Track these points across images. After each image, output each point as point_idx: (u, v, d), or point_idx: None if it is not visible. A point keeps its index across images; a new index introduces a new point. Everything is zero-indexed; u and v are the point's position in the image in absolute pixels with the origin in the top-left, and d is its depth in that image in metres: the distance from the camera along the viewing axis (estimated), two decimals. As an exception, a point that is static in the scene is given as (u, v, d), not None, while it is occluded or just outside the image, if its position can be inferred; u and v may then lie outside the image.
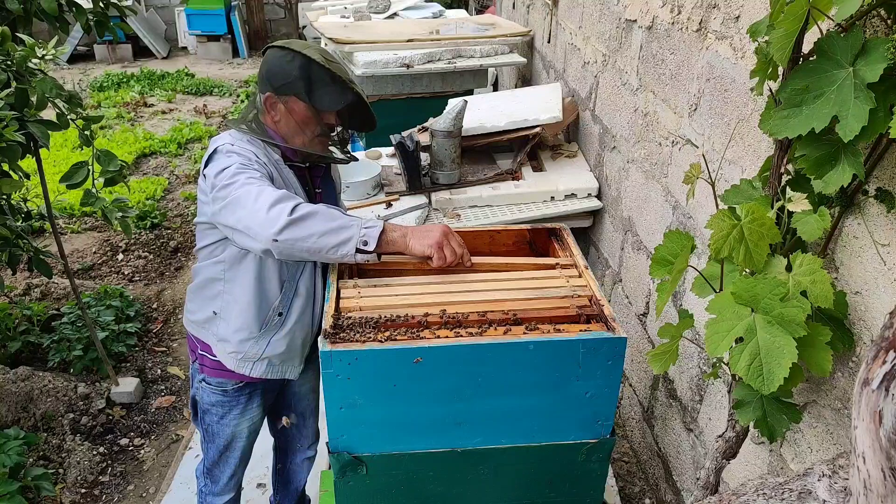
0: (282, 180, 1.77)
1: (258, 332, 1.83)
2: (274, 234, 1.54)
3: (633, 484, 2.76)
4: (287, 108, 1.74)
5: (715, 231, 1.34)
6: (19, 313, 3.52)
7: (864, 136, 1.14)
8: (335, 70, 1.72)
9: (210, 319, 1.86)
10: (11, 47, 2.34)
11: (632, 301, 2.83)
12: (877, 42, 1.14)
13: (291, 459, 2.31)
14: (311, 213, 1.57)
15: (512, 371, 1.59)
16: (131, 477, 2.89)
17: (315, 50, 1.73)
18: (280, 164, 1.79)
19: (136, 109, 7.20)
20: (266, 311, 1.82)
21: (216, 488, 2.11)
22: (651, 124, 2.54)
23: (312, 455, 2.32)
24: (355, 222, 1.61)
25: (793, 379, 1.31)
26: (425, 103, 3.96)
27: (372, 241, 1.59)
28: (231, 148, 1.71)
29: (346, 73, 1.76)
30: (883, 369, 0.82)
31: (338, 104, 1.75)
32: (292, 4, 9.78)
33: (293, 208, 1.55)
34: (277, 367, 1.91)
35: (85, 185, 2.64)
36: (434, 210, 3.05)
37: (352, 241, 1.58)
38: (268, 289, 1.79)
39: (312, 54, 1.70)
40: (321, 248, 1.58)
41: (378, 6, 4.97)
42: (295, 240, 1.55)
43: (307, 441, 2.28)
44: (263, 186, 1.60)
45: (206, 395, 1.95)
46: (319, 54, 1.72)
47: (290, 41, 1.75)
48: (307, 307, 1.86)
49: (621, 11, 2.79)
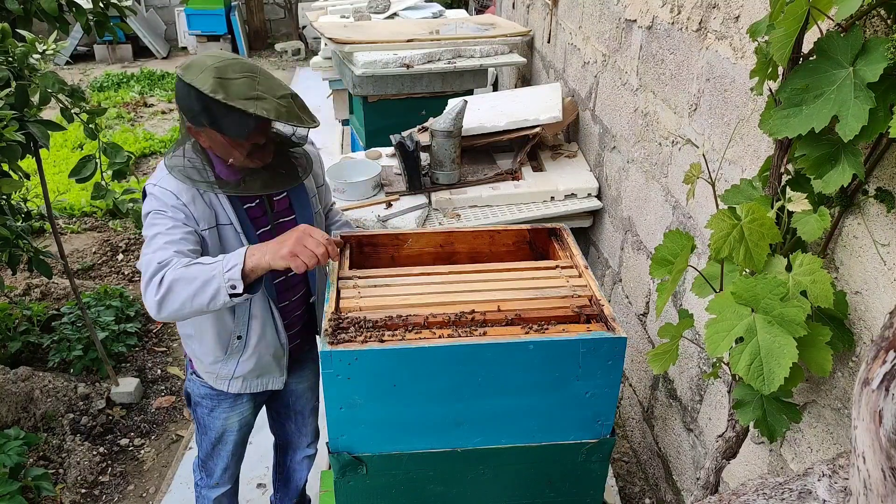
0: (212, 212, 1.72)
1: (223, 356, 1.88)
2: (156, 315, 1.58)
3: (633, 484, 2.76)
4: (208, 136, 1.66)
5: (715, 231, 1.34)
6: (19, 313, 3.52)
7: (864, 135, 1.14)
8: (229, 97, 1.53)
9: (188, 337, 1.92)
10: (12, 44, 2.34)
11: (632, 301, 2.83)
12: (877, 42, 1.14)
13: (291, 457, 2.32)
14: (172, 284, 1.55)
15: (512, 371, 1.59)
16: (131, 477, 2.89)
17: (209, 75, 1.54)
18: (216, 187, 1.70)
19: (136, 109, 7.20)
20: (226, 336, 1.85)
21: (211, 481, 2.15)
22: (651, 124, 2.54)
23: (312, 454, 2.33)
24: (216, 271, 1.54)
25: (793, 379, 1.31)
26: (425, 103, 3.96)
27: (238, 284, 1.54)
28: (153, 189, 1.68)
29: (244, 90, 1.55)
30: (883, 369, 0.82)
31: (242, 133, 1.60)
32: (292, 4, 9.79)
33: (158, 285, 1.55)
34: (255, 382, 1.96)
35: (94, 179, 2.66)
36: (434, 210, 3.05)
37: (221, 292, 1.54)
38: (222, 316, 1.82)
39: (203, 84, 1.53)
40: (200, 307, 1.57)
41: (378, 6, 4.97)
42: (175, 311, 1.57)
43: (307, 439, 2.29)
44: (152, 255, 1.59)
45: (195, 387, 2.01)
46: (212, 80, 1.54)
47: (191, 63, 1.60)
48: (266, 326, 1.88)
49: (621, 11, 2.79)
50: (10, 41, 2.34)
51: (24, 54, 2.35)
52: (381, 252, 2.08)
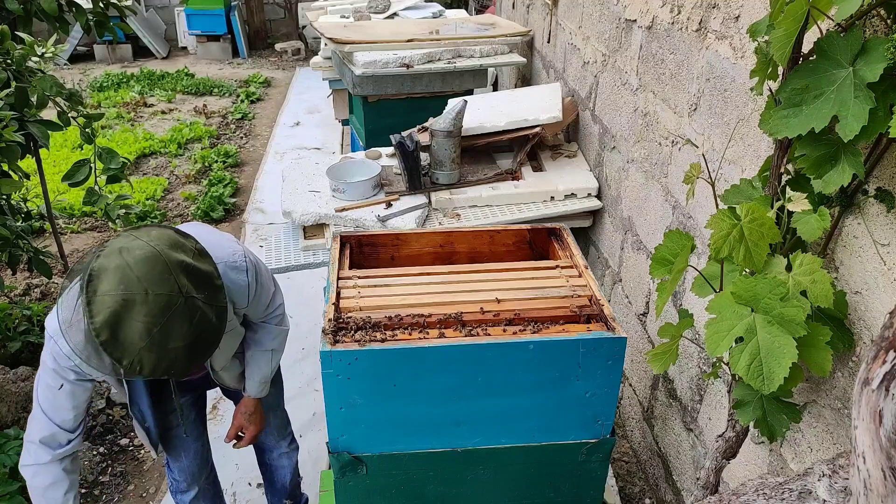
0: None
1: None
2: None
3: (633, 484, 2.76)
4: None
5: (715, 231, 1.34)
6: (19, 313, 3.52)
7: (864, 135, 1.14)
8: (108, 343, 1.33)
9: None
10: (11, 46, 2.35)
11: (632, 301, 2.83)
12: (877, 42, 1.14)
13: (269, 455, 2.32)
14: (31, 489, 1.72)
15: (512, 371, 1.59)
16: (131, 477, 2.88)
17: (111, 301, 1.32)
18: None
19: (135, 109, 7.20)
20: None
21: (179, 485, 2.14)
22: (651, 124, 2.54)
23: (288, 449, 2.31)
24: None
25: (793, 379, 1.31)
26: (425, 103, 3.95)
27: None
28: (49, 339, 1.59)
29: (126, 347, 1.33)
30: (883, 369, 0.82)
31: (112, 374, 1.52)
32: (292, 4, 9.78)
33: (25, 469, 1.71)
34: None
35: (87, 184, 2.64)
36: (434, 210, 3.05)
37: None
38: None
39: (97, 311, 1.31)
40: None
41: (378, 6, 4.96)
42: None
43: (273, 437, 2.26)
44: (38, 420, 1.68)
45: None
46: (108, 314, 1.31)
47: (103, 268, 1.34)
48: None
49: (621, 11, 2.79)
50: (9, 43, 2.34)
51: (22, 57, 2.35)
52: (381, 252, 2.08)
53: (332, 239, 2.14)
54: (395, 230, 2.27)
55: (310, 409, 3.12)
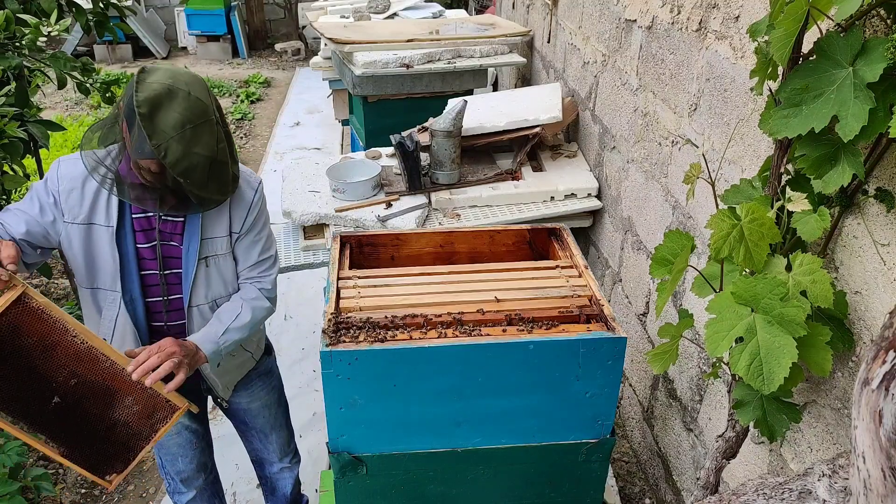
0: (90, 209, 1.65)
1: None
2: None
3: (633, 484, 2.76)
4: (126, 131, 1.56)
5: (715, 231, 1.34)
6: (19, 313, 3.51)
7: (864, 135, 1.14)
8: (145, 118, 1.47)
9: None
10: (18, 30, 2.36)
11: (632, 301, 2.83)
12: (876, 42, 1.14)
13: (268, 469, 2.29)
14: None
15: (512, 371, 1.59)
16: (131, 477, 2.88)
17: (157, 87, 1.49)
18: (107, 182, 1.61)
19: (135, 109, 7.20)
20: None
21: (175, 486, 2.13)
22: (651, 124, 2.54)
23: (290, 464, 2.29)
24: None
25: (793, 379, 1.31)
26: (425, 103, 3.95)
27: None
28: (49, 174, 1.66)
29: (167, 124, 1.48)
30: (883, 369, 0.82)
31: (135, 153, 1.52)
32: (292, 4, 9.79)
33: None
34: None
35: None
36: (434, 210, 3.05)
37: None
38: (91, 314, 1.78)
39: (144, 90, 1.48)
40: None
41: (378, 6, 4.97)
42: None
43: (276, 455, 2.23)
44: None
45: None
46: (153, 94, 1.48)
47: (155, 68, 1.56)
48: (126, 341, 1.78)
49: (621, 11, 2.79)
50: (16, 27, 2.35)
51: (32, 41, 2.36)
52: (381, 252, 2.08)
53: (332, 239, 2.14)
54: (395, 230, 2.27)
55: (310, 409, 3.12)
